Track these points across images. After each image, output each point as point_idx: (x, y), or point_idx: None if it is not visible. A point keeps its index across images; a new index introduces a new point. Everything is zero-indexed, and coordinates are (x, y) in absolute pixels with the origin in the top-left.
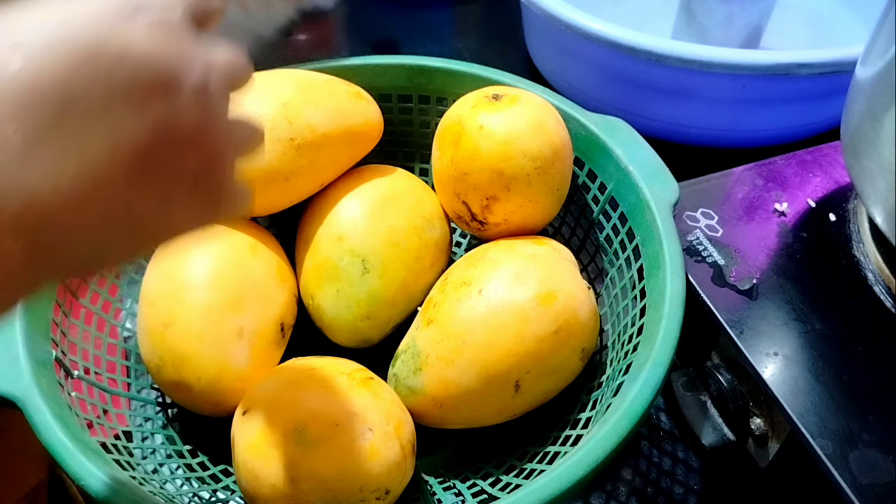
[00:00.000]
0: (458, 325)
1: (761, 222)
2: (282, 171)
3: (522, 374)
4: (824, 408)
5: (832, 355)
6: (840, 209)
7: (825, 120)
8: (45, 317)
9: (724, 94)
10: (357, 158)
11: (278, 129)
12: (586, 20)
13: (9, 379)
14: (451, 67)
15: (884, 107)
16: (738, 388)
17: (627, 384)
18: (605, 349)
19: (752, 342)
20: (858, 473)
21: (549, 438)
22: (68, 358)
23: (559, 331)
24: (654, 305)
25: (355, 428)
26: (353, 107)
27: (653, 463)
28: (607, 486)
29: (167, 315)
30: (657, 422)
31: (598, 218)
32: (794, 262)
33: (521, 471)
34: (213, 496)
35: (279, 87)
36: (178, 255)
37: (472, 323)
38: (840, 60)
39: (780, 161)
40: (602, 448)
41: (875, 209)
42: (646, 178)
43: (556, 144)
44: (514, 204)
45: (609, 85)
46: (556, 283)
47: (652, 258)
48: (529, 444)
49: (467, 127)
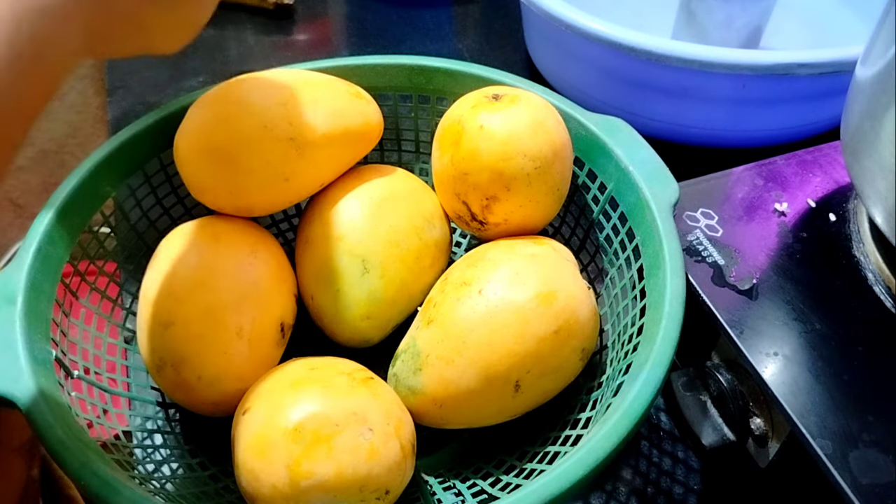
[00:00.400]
0: (458, 325)
1: (761, 222)
2: (282, 171)
3: (522, 375)
4: (824, 408)
5: (832, 355)
6: (840, 209)
7: (825, 120)
8: (45, 317)
9: (724, 94)
10: (357, 158)
11: (278, 129)
12: (586, 20)
13: (9, 379)
14: (451, 67)
15: (884, 107)
16: (738, 388)
17: (627, 384)
18: (604, 349)
19: (752, 342)
20: (858, 473)
21: (549, 438)
22: (68, 358)
23: (559, 331)
24: (654, 305)
25: (355, 428)
26: (353, 107)
27: (653, 463)
28: (607, 486)
29: (167, 315)
30: (657, 422)
31: (598, 218)
32: (794, 262)
33: (521, 471)
34: (213, 496)
35: (279, 87)
36: (177, 255)
37: (473, 323)
38: (840, 60)
39: (780, 161)
40: (602, 448)
41: (875, 209)
42: (646, 178)
43: (556, 144)
44: (514, 204)
45: (609, 85)
46: (556, 284)
47: (652, 258)
48: (529, 444)
49: (467, 127)
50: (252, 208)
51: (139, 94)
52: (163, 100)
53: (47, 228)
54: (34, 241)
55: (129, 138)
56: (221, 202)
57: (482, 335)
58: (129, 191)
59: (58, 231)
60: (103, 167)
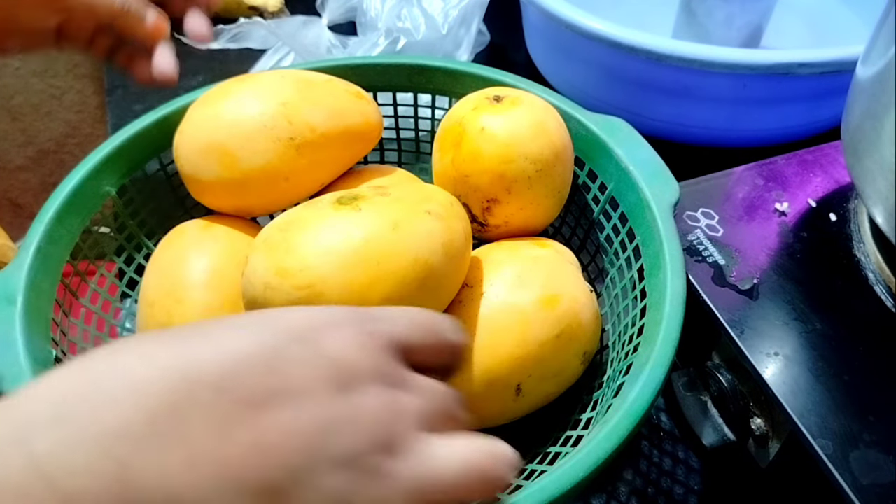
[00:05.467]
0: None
1: (762, 222)
2: (282, 171)
3: (524, 378)
4: (825, 408)
5: (833, 355)
6: (841, 209)
7: (826, 119)
8: (45, 317)
9: (724, 93)
10: (357, 158)
11: (278, 129)
12: (586, 19)
13: (9, 379)
14: (451, 67)
15: (884, 106)
16: (739, 389)
17: (628, 385)
18: (605, 350)
19: (752, 342)
20: (859, 474)
21: (549, 439)
22: (68, 358)
23: (561, 335)
24: (655, 306)
25: None
26: (353, 107)
27: (653, 463)
28: (608, 487)
29: (166, 315)
30: (658, 422)
31: (599, 218)
32: (795, 262)
33: (521, 471)
34: None
35: (279, 86)
36: (177, 255)
37: (473, 325)
38: (840, 60)
39: (781, 161)
40: (603, 449)
41: (876, 209)
42: (646, 177)
43: (557, 147)
44: (514, 206)
45: (609, 84)
46: (558, 287)
47: (652, 258)
48: (530, 445)
49: (468, 129)
50: (252, 208)
51: (139, 94)
52: (162, 100)
53: (47, 228)
54: (34, 241)
55: (129, 138)
56: (221, 202)
57: (483, 338)
58: (128, 191)
59: (58, 231)
60: (103, 167)
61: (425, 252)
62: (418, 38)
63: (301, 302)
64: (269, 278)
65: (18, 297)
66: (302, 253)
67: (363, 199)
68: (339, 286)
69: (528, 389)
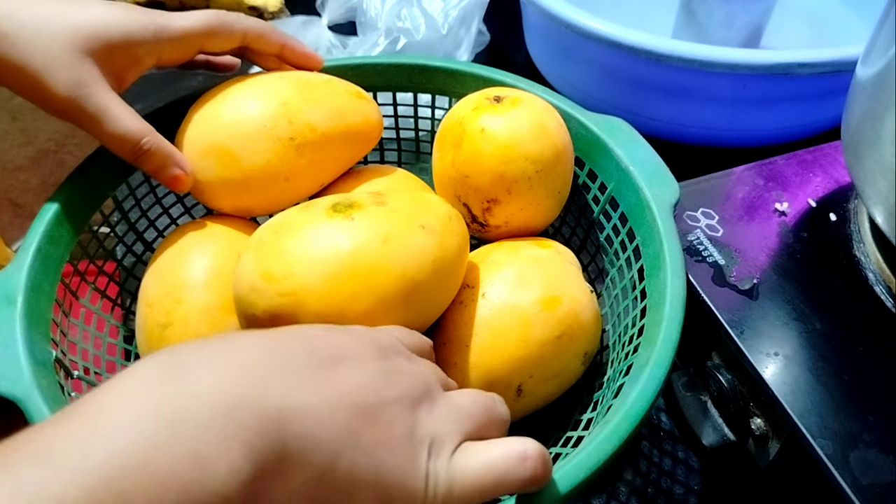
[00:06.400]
0: (459, 329)
1: (762, 222)
2: (282, 171)
3: (525, 379)
4: (825, 408)
5: (832, 355)
6: (841, 209)
7: (825, 120)
8: (45, 317)
9: (724, 93)
10: (357, 158)
11: (278, 128)
12: (586, 19)
13: (9, 379)
14: (451, 67)
15: (884, 106)
16: (739, 389)
17: (628, 385)
18: (605, 350)
19: (752, 342)
20: (859, 473)
21: (549, 439)
22: (68, 358)
23: (562, 335)
24: (655, 306)
25: None
26: (353, 106)
27: (653, 463)
28: (608, 486)
29: (165, 315)
30: (658, 422)
31: (599, 218)
32: (795, 262)
33: None
34: None
35: (279, 86)
36: (176, 256)
37: (475, 326)
38: (840, 60)
39: (781, 161)
40: (603, 450)
41: (876, 209)
42: (646, 178)
43: (557, 147)
44: (515, 207)
45: (609, 85)
46: (559, 288)
47: (652, 259)
48: None
49: (468, 129)
50: (252, 208)
51: (139, 94)
52: (162, 100)
53: (47, 228)
54: (34, 241)
55: None
56: (221, 202)
57: (484, 339)
58: (128, 191)
59: (58, 231)
60: (103, 167)
61: (413, 268)
62: (418, 38)
63: (283, 309)
64: (255, 281)
65: (18, 297)
66: (289, 259)
67: (357, 208)
68: (320, 297)
69: (528, 390)
